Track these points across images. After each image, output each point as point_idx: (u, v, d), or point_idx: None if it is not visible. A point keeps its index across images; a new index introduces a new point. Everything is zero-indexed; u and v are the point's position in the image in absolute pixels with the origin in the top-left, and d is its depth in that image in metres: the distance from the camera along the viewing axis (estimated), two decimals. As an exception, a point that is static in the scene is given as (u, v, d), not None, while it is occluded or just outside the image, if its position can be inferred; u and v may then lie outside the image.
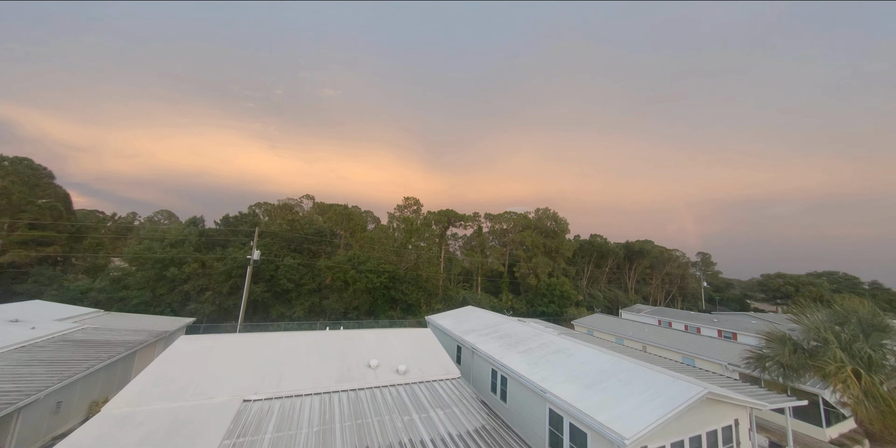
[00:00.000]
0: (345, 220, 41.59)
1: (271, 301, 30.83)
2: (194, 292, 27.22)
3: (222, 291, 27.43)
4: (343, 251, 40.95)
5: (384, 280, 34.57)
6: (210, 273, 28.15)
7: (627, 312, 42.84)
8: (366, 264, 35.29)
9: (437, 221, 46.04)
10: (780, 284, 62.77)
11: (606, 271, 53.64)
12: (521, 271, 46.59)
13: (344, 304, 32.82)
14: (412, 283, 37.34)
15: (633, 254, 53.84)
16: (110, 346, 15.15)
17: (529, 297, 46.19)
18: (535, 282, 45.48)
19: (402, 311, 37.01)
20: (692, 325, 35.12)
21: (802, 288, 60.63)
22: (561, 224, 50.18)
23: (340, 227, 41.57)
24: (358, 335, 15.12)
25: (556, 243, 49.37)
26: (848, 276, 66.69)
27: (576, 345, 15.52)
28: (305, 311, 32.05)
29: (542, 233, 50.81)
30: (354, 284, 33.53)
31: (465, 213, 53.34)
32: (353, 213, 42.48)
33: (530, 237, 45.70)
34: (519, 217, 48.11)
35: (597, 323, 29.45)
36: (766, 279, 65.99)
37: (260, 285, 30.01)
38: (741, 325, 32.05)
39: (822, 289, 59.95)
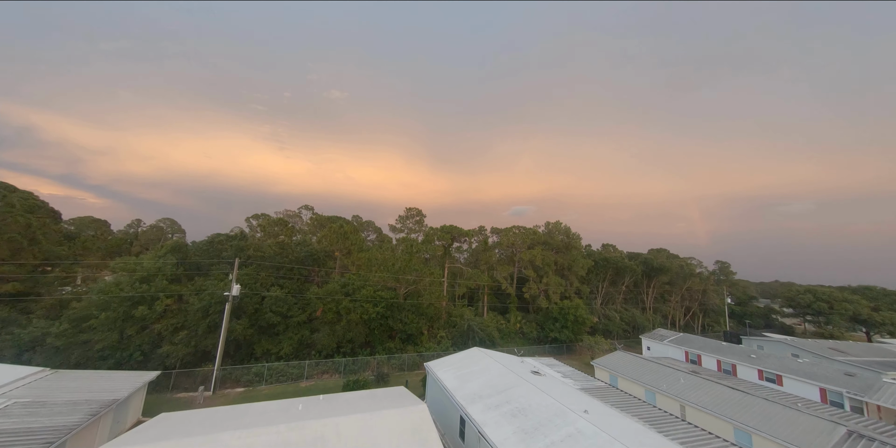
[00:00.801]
0: (340, 239, 38.53)
1: (256, 337, 27.88)
2: (167, 332, 24.37)
3: (198, 331, 24.54)
4: (338, 274, 37.91)
5: (381, 310, 31.41)
6: (186, 309, 25.28)
7: (649, 339, 39.04)
8: (361, 292, 32.16)
9: (439, 238, 42.76)
10: (811, 300, 58.06)
11: (623, 290, 49.78)
12: (530, 292, 43.09)
13: (336, 338, 29.74)
14: (412, 311, 34.14)
15: (653, 270, 49.88)
16: (29, 440, 12.19)
17: (540, 320, 42.66)
18: (546, 304, 41.95)
19: (400, 342, 33.84)
20: (725, 361, 31.25)
21: (837, 305, 55.91)
22: (573, 239, 46.48)
23: (336, 248, 38.53)
24: (333, 432, 11.88)
25: (569, 260, 45.69)
26: (887, 292, 61.62)
27: (610, 436, 12.11)
28: (294, 347, 29.04)
29: (552, 248, 47.18)
30: (348, 315, 30.44)
31: (470, 228, 50.03)
32: (348, 231, 39.41)
33: (541, 255, 42.13)
34: (527, 232, 44.56)
35: (620, 366, 25.91)
36: (795, 294, 61.25)
37: (242, 320, 27.07)
38: (786, 365, 28.12)
39: (859, 306, 55.23)
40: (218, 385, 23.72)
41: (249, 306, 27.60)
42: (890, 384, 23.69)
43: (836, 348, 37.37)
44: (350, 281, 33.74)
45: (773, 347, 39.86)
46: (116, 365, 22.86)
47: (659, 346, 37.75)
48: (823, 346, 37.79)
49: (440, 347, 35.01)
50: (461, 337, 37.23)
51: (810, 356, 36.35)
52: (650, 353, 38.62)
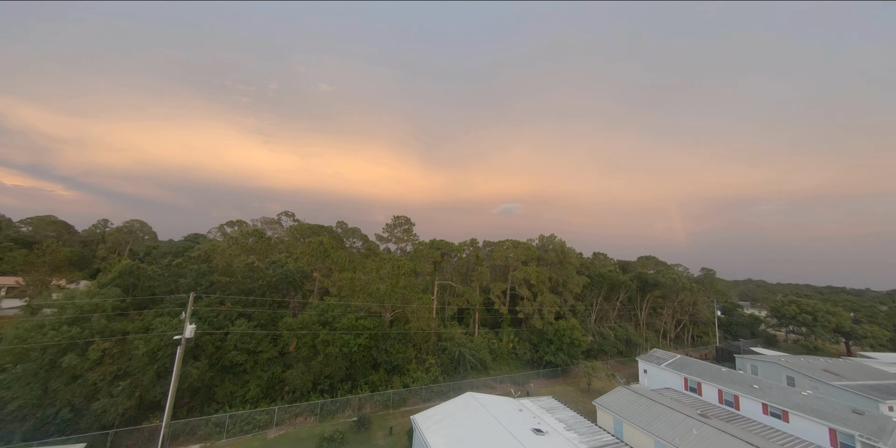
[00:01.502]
0: (320, 257, 34.95)
1: (217, 379, 24.30)
2: (105, 382, 20.53)
3: (143, 381, 20.80)
4: (317, 297, 34.40)
5: (364, 341, 28.32)
6: (130, 353, 21.44)
7: (645, 362, 37.59)
8: (341, 321, 28.93)
9: (428, 254, 39.80)
10: (795, 312, 58.73)
11: (617, 306, 48.44)
12: (524, 310, 40.91)
13: (312, 376, 26.48)
14: (399, 340, 31.20)
15: (647, 285, 48.71)
16: None
17: (534, 341, 40.61)
18: (540, 324, 39.88)
19: (385, 373, 30.90)
20: (727, 391, 29.96)
21: (821, 317, 56.65)
22: (568, 255, 44.51)
23: (314, 267, 34.97)
24: None
25: (564, 277, 43.73)
26: (864, 302, 63.14)
27: None
28: (263, 387, 25.63)
29: (546, 263, 45.10)
30: (326, 349, 27.20)
31: (461, 241, 47.36)
32: (329, 247, 35.83)
33: (535, 272, 39.89)
34: (520, 246, 42.19)
35: (625, 408, 23.94)
36: (780, 305, 61.95)
37: (201, 362, 23.42)
38: (790, 399, 26.93)
39: (841, 318, 56.07)
40: (167, 443, 20.18)
41: (209, 344, 23.93)
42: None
43: (830, 370, 37.07)
44: (329, 308, 30.41)
45: (768, 369, 39.31)
46: (38, 426, 18.97)
47: (656, 371, 36.38)
48: (817, 368, 37.40)
49: (429, 376, 32.34)
50: (451, 363, 34.67)
51: (806, 379, 35.84)
52: (647, 376, 37.26)
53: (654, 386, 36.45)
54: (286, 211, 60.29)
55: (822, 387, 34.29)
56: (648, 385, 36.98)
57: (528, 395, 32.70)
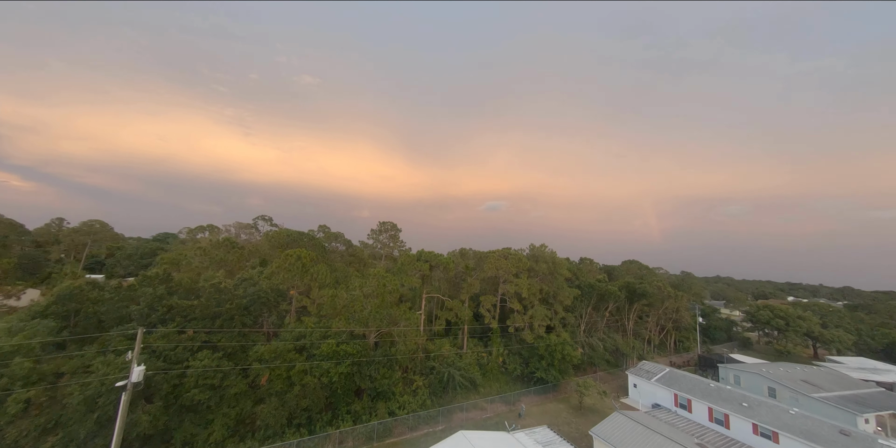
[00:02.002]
0: (298, 273, 31.99)
1: (175, 421, 21.30)
2: (29, 439, 17.23)
3: (80, 433, 17.63)
4: (293, 318, 31.52)
5: (345, 369, 25.95)
6: (64, 400, 18.15)
7: (635, 376, 37.28)
8: (320, 347, 26.37)
9: (415, 267, 37.59)
10: (769, 317, 60.99)
11: (606, 316, 48.22)
12: (515, 324, 39.63)
13: (287, 410, 23.91)
14: (384, 364, 28.99)
15: (635, 295, 48.70)
16: None
17: (525, 356, 39.48)
18: (531, 338, 38.73)
19: (369, 399, 28.69)
20: (717, 410, 29.86)
21: (793, 322, 59.04)
22: (558, 266, 43.55)
23: (291, 284, 32.02)
24: None
25: (554, 289, 42.77)
26: (832, 308, 66.58)
27: None
28: (230, 427, 22.84)
29: (537, 274, 43.98)
30: (304, 379, 24.66)
31: (449, 251, 45.45)
32: (307, 262, 32.85)
33: (527, 285, 38.59)
34: (512, 258, 40.73)
35: (623, 439, 22.95)
36: (755, 310, 64.24)
37: (155, 404, 20.36)
38: (780, 418, 26.98)
39: (811, 323, 58.60)
40: (111, 506, 17.21)
41: (165, 383, 20.86)
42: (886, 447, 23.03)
43: (808, 381, 38.15)
44: (307, 331, 27.72)
45: (750, 379, 40.05)
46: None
47: (646, 385, 36.11)
48: (796, 379, 38.40)
49: (416, 400, 30.35)
50: (440, 383, 32.89)
51: (787, 391, 36.63)
52: (637, 391, 36.98)
53: (644, 400, 36.25)
54: (263, 215, 56.20)
55: (802, 399, 35.12)
56: (638, 400, 36.77)
57: (521, 416, 31.49)
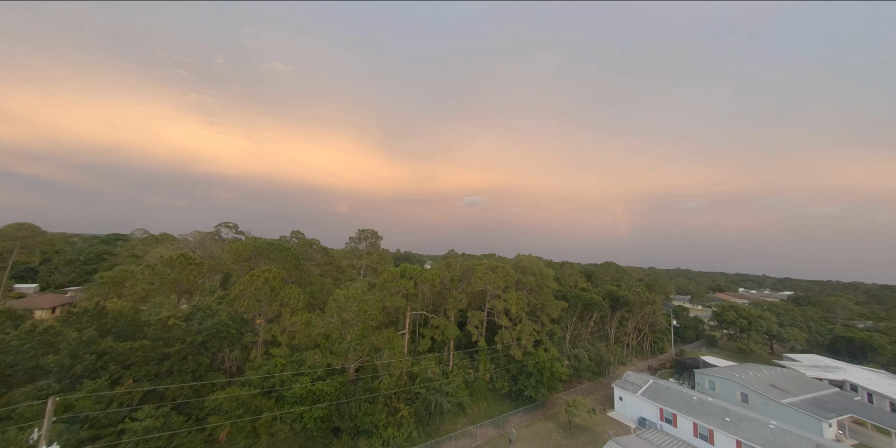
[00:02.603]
0: (266, 298, 28.21)
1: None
2: None
3: None
4: (260, 350, 27.87)
5: (321, 412, 23.06)
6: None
7: (621, 389, 37.37)
8: (293, 388, 23.22)
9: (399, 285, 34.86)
10: (734, 317, 64.70)
11: (591, 325, 48.39)
12: (503, 341, 38.27)
13: (254, 466, 20.74)
14: (366, 398, 26.35)
15: (618, 304, 49.18)
16: None
17: (513, 373, 38.33)
18: (520, 355, 37.59)
19: (349, 438, 26.03)
20: (702, 425, 30.32)
21: (755, 322, 62.93)
22: (546, 278, 42.63)
23: (258, 311, 28.23)
24: None
25: (542, 301, 41.84)
26: (788, 306, 71.98)
27: None
28: (183, 492, 19.35)
29: (525, 287, 42.84)
30: (272, 428, 21.53)
31: (435, 262, 43.05)
32: (277, 284, 29.09)
33: (515, 301, 37.22)
34: (500, 272, 39.10)
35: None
36: (721, 310, 67.93)
37: (79, 481, 16.46)
38: (761, 434, 27.68)
39: (770, 323, 62.70)
40: None
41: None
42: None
43: (776, 385, 40.27)
44: (276, 367, 24.39)
45: (724, 385, 41.64)
46: None
47: (632, 399, 36.27)
48: (765, 383, 40.38)
49: (402, 434, 28.02)
50: (426, 410, 30.82)
51: (758, 397, 38.30)
52: (623, 404, 37.11)
53: (630, 413, 36.48)
54: (226, 222, 50.42)
55: (772, 405, 36.88)
56: (624, 413, 36.96)
57: (511, 441, 30.27)
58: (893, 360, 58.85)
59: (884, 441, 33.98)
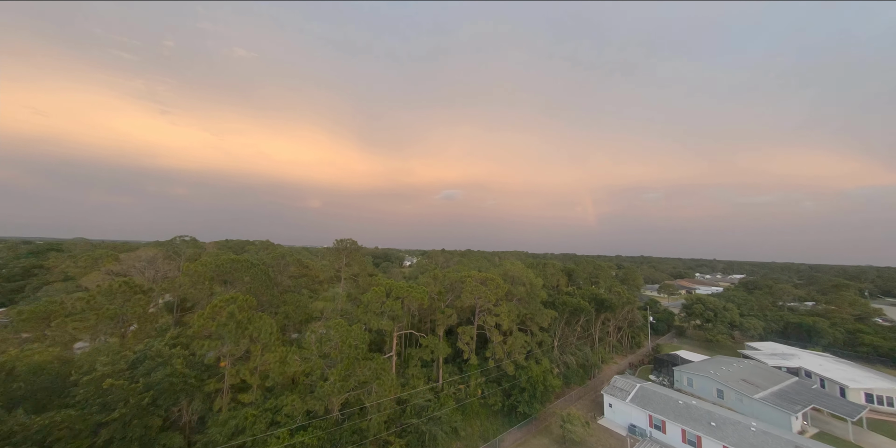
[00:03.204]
0: (232, 333, 24.36)
1: None
2: None
3: None
4: (226, 398, 24.14)
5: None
6: None
7: (610, 396, 37.76)
8: (268, 444, 20.12)
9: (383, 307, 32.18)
10: (702, 310, 68.78)
11: (578, 330, 48.71)
12: (495, 356, 37.05)
13: None
14: (354, 442, 23.82)
15: (603, 307, 49.83)
16: None
17: (505, 388, 37.39)
18: (512, 369, 36.64)
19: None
20: (690, 432, 31.16)
21: (720, 313, 67.24)
22: (536, 287, 41.82)
23: (222, 352, 24.41)
24: None
25: (531, 310, 41.05)
26: (747, 297, 77.74)
27: None
28: None
29: (514, 297, 41.77)
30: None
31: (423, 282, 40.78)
32: (244, 317, 25.25)
33: (507, 314, 35.96)
34: (490, 284, 37.55)
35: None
36: (691, 303, 71.92)
37: None
38: (745, 439, 28.75)
39: (733, 314, 67.22)
40: None
41: None
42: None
43: (747, 380, 42.81)
44: (246, 422, 21.10)
45: (701, 382, 43.74)
46: None
47: (621, 406, 36.75)
48: (737, 379, 42.80)
49: (394, 471, 26.06)
50: (419, 441, 28.96)
51: (732, 393, 40.53)
52: (613, 411, 37.56)
53: (620, 420, 37.00)
54: (181, 235, 44.27)
55: (746, 400, 39.08)
56: (614, 419, 37.45)
57: (508, 465, 29.32)
58: (833, 343, 65.59)
59: (839, 426, 37.14)
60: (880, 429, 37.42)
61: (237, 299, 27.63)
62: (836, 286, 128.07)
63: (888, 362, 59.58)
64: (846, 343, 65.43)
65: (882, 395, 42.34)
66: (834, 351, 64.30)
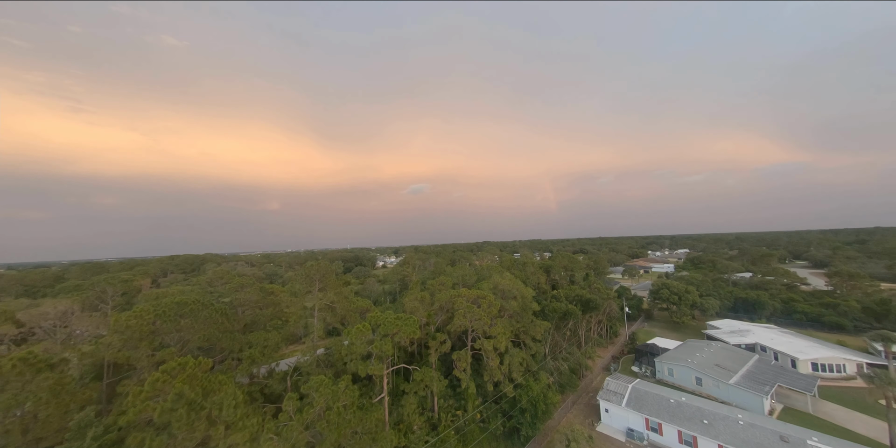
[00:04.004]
0: (184, 418, 19.19)
1: None
2: None
3: None
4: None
5: None
6: None
7: (606, 401, 38.09)
8: None
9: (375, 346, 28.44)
10: (668, 294, 73.81)
11: (567, 334, 48.90)
12: (493, 378, 35.28)
13: None
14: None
15: (588, 308, 50.44)
16: None
17: (504, 408, 35.98)
18: (511, 391, 35.22)
19: None
20: (686, 433, 32.26)
21: (683, 296, 72.56)
22: (528, 299, 40.52)
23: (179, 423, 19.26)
24: None
25: (524, 324, 39.81)
26: (703, 280, 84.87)
27: None
28: None
29: (507, 313, 40.15)
30: None
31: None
32: (198, 391, 20.14)
33: (503, 335, 34.12)
34: (483, 304, 35.35)
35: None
36: (658, 288, 76.85)
37: None
38: (736, 434, 30.23)
39: (694, 296, 72.87)
40: None
41: None
42: None
43: (720, 365, 46.21)
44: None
45: (681, 371, 46.23)
46: None
47: (617, 410, 37.25)
48: (712, 364, 45.93)
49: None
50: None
51: (710, 380, 43.35)
52: (609, 416, 38.01)
53: (618, 425, 37.57)
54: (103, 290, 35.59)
55: (722, 386, 41.94)
56: (612, 424, 37.98)
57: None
58: (773, 313, 74.29)
59: (799, 399, 41.29)
60: (829, 396, 42.30)
61: (187, 366, 22.22)
62: (763, 256, 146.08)
63: (817, 326, 68.89)
64: (783, 312, 74.42)
65: (825, 363, 48.18)
66: (775, 320, 72.90)
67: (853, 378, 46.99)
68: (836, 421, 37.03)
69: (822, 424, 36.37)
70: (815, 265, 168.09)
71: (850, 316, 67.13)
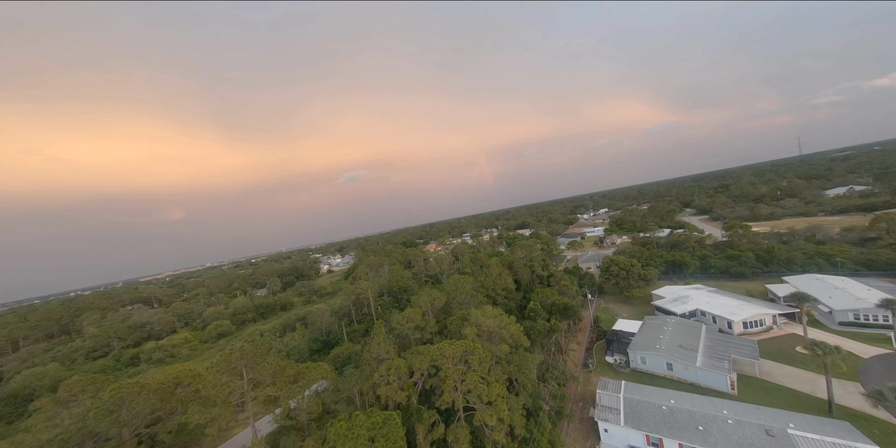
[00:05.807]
0: None
1: None
2: None
3: None
4: None
5: None
6: None
7: (603, 422, 36.85)
8: None
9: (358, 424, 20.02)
10: (617, 270, 78.70)
11: (553, 350, 46.65)
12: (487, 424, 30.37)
13: None
14: None
15: (567, 316, 48.65)
16: None
17: (511, 465, 31.85)
18: (506, 440, 30.97)
19: None
20: (687, 445, 32.47)
21: (630, 270, 78.07)
22: (519, 338, 35.68)
23: None
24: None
25: (519, 359, 35.31)
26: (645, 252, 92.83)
27: None
28: None
29: (495, 356, 34.86)
30: None
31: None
32: None
33: (503, 402, 28.76)
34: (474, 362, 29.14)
35: None
36: (607, 266, 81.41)
37: None
38: (730, 436, 30.94)
39: (638, 268, 78.93)
40: None
41: None
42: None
43: (682, 345, 49.69)
44: None
45: (653, 359, 48.29)
46: None
47: (616, 429, 36.27)
48: (676, 346, 49.03)
49: None
50: None
51: (680, 364, 46.08)
52: (609, 436, 36.95)
53: (618, 443, 36.75)
54: None
55: (691, 369, 44.98)
56: (612, 443, 37.25)
57: None
58: (695, 271, 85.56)
59: (745, 362, 46.40)
60: (762, 352, 48.68)
61: None
62: (668, 212, 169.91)
63: (726, 277, 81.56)
64: (701, 268, 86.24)
65: (752, 320, 55.86)
66: (696, 277, 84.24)
67: (771, 328, 55.63)
68: (779, 380, 42.41)
69: (770, 388, 41.23)
70: (700, 212, 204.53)
71: (748, 265, 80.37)
